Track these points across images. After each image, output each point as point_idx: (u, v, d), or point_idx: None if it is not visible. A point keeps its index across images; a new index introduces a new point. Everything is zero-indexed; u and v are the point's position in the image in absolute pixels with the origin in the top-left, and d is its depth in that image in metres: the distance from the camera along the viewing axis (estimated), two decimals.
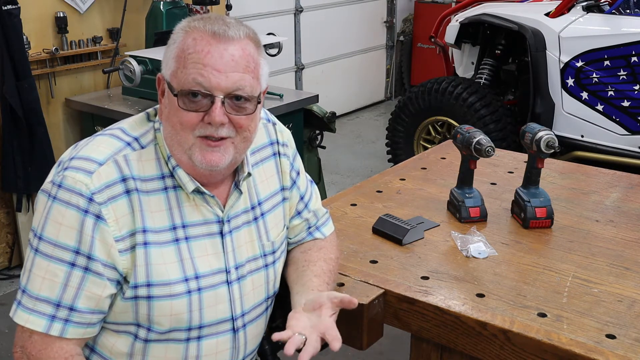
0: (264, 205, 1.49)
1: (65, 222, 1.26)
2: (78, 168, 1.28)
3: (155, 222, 1.32)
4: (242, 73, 1.28)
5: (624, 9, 4.12)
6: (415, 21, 7.13)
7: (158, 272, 1.31)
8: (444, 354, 1.53)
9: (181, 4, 3.85)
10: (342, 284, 1.57)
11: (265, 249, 1.47)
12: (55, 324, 1.27)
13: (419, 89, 4.63)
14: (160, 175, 1.34)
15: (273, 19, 5.64)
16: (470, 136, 1.87)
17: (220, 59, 1.26)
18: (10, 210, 3.66)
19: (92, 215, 1.26)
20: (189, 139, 1.29)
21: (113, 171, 1.29)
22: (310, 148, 4.17)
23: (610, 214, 1.97)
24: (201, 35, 1.27)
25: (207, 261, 1.38)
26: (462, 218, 1.91)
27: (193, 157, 1.30)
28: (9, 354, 2.86)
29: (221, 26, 1.28)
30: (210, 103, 1.27)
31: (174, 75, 1.29)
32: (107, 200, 1.27)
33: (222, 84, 1.27)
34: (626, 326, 1.41)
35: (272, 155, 1.53)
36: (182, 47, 1.29)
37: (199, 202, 1.37)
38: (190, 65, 1.27)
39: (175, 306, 1.33)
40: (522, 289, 1.55)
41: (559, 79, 4.11)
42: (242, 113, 1.30)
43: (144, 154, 1.34)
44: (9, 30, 3.28)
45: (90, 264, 1.27)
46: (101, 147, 1.32)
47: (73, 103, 3.80)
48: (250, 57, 1.30)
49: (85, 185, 1.26)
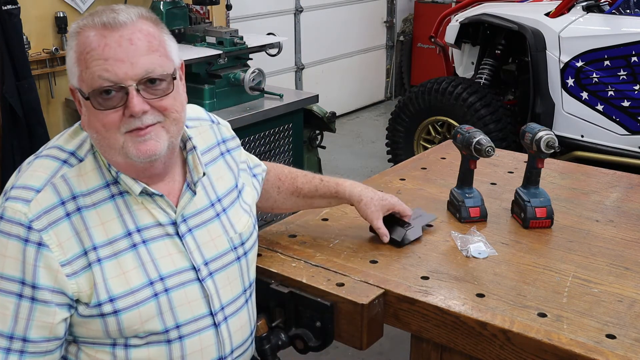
0: (223, 201, 1.49)
1: (8, 253, 1.24)
2: (16, 198, 1.26)
3: (108, 232, 1.30)
4: (147, 55, 1.24)
5: (624, 9, 4.12)
6: (415, 21, 7.13)
7: (118, 284, 1.29)
8: (444, 354, 1.53)
9: (181, 3, 3.85)
10: (342, 284, 1.57)
11: (234, 241, 1.47)
12: (12, 357, 1.24)
13: (419, 89, 4.63)
14: (105, 183, 1.32)
15: (273, 19, 5.64)
16: (470, 136, 1.87)
17: (119, 48, 1.22)
18: None
19: (33, 243, 1.23)
20: (117, 138, 1.26)
21: (51, 196, 1.26)
22: (310, 148, 4.17)
23: (610, 214, 1.97)
24: (93, 31, 1.23)
25: (171, 261, 1.36)
26: (462, 218, 1.91)
27: (129, 153, 1.27)
28: None
29: (109, 14, 1.24)
30: (124, 95, 1.24)
31: (81, 80, 1.25)
32: (47, 226, 1.24)
33: (130, 72, 1.22)
34: (626, 326, 1.41)
35: (220, 155, 1.53)
36: (79, 49, 1.24)
37: (148, 204, 1.34)
38: (92, 64, 1.22)
39: (143, 313, 1.31)
40: (522, 289, 1.55)
41: (559, 79, 4.11)
42: (160, 95, 1.27)
43: (83, 167, 1.31)
44: (9, 30, 3.28)
45: (36, 293, 1.24)
46: (37, 172, 1.29)
47: (73, 103, 3.75)
48: (150, 35, 1.26)
49: (24, 214, 1.24)
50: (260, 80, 3.65)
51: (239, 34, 3.73)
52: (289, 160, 3.92)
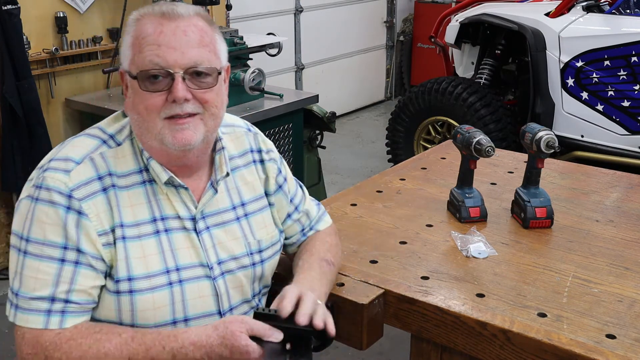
0: (248, 206, 1.50)
1: (49, 220, 1.28)
2: (56, 168, 1.31)
3: (136, 215, 1.34)
4: (198, 48, 1.31)
5: (624, 9, 4.12)
6: (415, 21, 7.13)
7: (138, 266, 1.33)
8: (444, 354, 1.53)
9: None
10: (342, 284, 1.57)
11: (251, 247, 1.48)
12: (53, 318, 1.27)
13: (419, 89, 4.63)
14: (139, 169, 1.37)
15: (273, 19, 5.64)
16: (470, 136, 1.87)
17: (174, 36, 1.29)
18: (10, 210, 3.65)
19: (74, 211, 1.29)
20: (156, 122, 1.31)
21: (89, 169, 1.32)
22: (310, 148, 4.17)
23: (610, 214, 1.97)
24: (151, 19, 1.31)
25: (187, 254, 1.39)
26: (462, 218, 1.91)
27: (164, 139, 1.31)
28: (9, 354, 2.85)
29: (169, 6, 1.32)
30: (171, 81, 1.29)
31: (132, 63, 1.32)
32: (86, 197, 1.30)
33: (179, 60, 1.29)
34: (626, 326, 1.41)
35: (252, 162, 1.54)
36: (135, 34, 1.32)
37: (172, 196, 1.38)
38: (145, 49, 1.29)
39: (157, 299, 1.34)
40: (522, 289, 1.55)
41: (559, 79, 4.12)
42: (204, 87, 1.32)
43: (120, 150, 1.37)
44: (9, 30, 3.28)
45: (80, 257, 1.29)
46: (77, 147, 1.36)
47: (73, 103, 3.80)
48: (203, 31, 1.33)
49: (64, 183, 1.29)
50: (260, 80, 3.65)
51: (239, 34, 3.73)
52: (289, 160, 3.92)
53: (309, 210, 1.64)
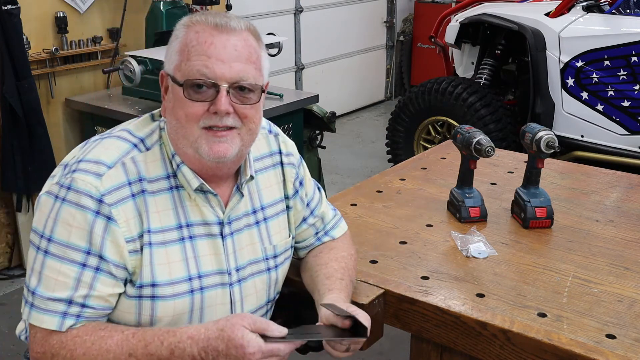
0: (267, 210, 1.50)
1: (75, 223, 1.27)
2: (87, 171, 1.29)
3: (163, 221, 1.34)
4: (245, 64, 1.31)
5: (624, 9, 4.12)
6: (415, 21, 7.13)
7: (162, 272, 1.32)
8: (444, 354, 1.53)
9: (181, 3, 3.85)
10: None
11: (267, 252, 1.49)
12: (68, 320, 1.27)
13: (419, 89, 4.63)
14: (166, 175, 1.36)
15: (273, 19, 5.64)
16: (470, 136, 1.87)
17: (224, 50, 1.29)
18: (10, 210, 3.65)
19: (103, 216, 1.27)
20: (194, 131, 1.31)
21: (121, 174, 1.31)
22: (310, 148, 4.17)
23: (610, 214, 1.97)
24: (203, 28, 1.31)
25: (209, 261, 1.39)
26: (462, 218, 1.91)
27: (200, 149, 1.31)
28: (9, 354, 2.85)
29: (222, 19, 1.32)
30: (215, 93, 1.30)
31: (178, 69, 1.31)
32: (117, 202, 1.29)
33: (227, 74, 1.29)
34: (626, 326, 1.41)
35: (272, 166, 1.54)
36: (185, 41, 1.31)
37: (200, 202, 1.38)
38: (194, 58, 1.29)
39: (178, 306, 1.34)
40: (522, 289, 1.55)
41: (559, 79, 4.11)
42: (246, 103, 1.32)
43: (150, 155, 1.36)
44: (9, 30, 3.28)
45: (102, 264, 1.28)
46: (109, 150, 1.34)
47: (73, 103, 3.80)
48: (252, 48, 1.33)
49: (95, 187, 1.28)
50: None
51: None
52: None
53: (325, 214, 1.63)
